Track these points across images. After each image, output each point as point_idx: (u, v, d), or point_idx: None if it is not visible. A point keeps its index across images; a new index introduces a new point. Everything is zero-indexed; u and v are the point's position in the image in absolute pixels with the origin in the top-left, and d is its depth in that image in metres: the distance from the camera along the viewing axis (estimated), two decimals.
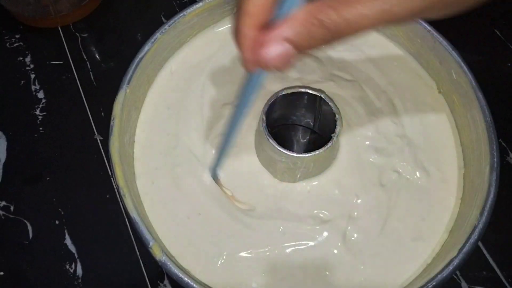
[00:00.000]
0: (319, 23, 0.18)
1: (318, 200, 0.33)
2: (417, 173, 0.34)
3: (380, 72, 0.38)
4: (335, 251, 0.31)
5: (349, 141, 0.35)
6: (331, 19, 0.17)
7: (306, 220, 0.32)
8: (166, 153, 0.35)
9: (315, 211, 0.32)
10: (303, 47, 0.19)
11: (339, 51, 0.39)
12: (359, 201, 0.33)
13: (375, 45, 0.39)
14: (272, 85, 0.36)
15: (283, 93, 0.33)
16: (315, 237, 0.32)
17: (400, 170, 0.34)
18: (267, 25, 0.19)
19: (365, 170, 0.34)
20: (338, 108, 0.32)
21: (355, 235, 0.32)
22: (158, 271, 0.36)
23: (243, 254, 0.31)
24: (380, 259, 0.31)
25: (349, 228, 0.32)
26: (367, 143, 0.35)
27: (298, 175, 0.33)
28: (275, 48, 0.18)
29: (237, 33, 0.20)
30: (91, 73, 0.45)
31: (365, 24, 0.18)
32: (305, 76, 0.37)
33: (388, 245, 0.31)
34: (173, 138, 0.35)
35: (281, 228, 0.32)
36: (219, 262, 0.31)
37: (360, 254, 0.31)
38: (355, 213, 0.32)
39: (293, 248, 0.31)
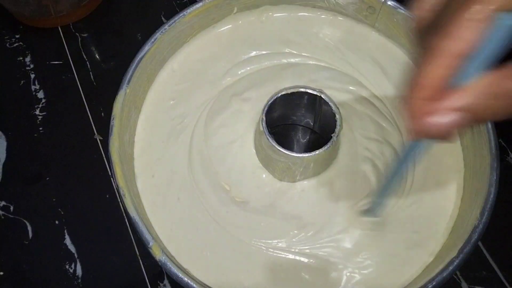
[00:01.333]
0: (499, 94, 0.17)
1: (315, 201, 0.33)
2: (417, 174, 0.34)
3: (380, 72, 0.38)
4: (330, 253, 0.31)
5: (349, 142, 0.35)
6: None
7: (299, 220, 0.32)
8: (166, 153, 0.35)
9: (310, 212, 0.32)
10: (475, 118, 0.17)
11: (340, 50, 0.39)
12: (358, 199, 0.33)
13: (376, 45, 0.39)
14: (274, 85, 0.36)
15: (283, 93, 0.33)
16: (308, 239, 0.32)
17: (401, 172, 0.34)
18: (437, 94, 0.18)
19: (363, 173, 0.34)
20: (338, 108, 0.32)
21: (354, 234, 0.32)
22: (158, 271, 0.36)
23: (243, 253, 0.31)
24: (380, 259, 0.31)
25: (344, 231, 0.32)
26: (367, 142, 0.35)
27: (298, 175, 0.33)
28: (443, 117, 0.17)
29: (407, 103, 0.19)
30: (91, 73, 0.45)
31: None
32: (309, 76, 0.37)
33: (387, 245, 0.31)
34: (173, 138, 0.35)
35: (282, 226, 0.32)
36: (219, 262, 0.31)
37: (354, 258, 0.31)
38: (351, 217, 0.32)
39: (294, 246, 0.31)
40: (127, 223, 0.38)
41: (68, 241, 0.38)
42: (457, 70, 0.17)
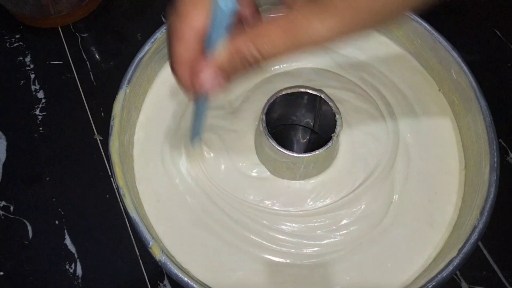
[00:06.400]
0: (241, 56, 0.21)
1: (319, 197, 0.33)
2: (416, 174, 0.34)
3: (381, 72, 0.38)
4: (330, 252, 0.31)
5: (349, 141, 0.35)
6: (250, 52, 0.20)
7: (300, 219, 0.32)
8: (166, 153, 0.35)
9: (310, 211, 0.32)
10: (230, 75, 0.22)
11: (339, 50, 0.39)
12: (358, 199, 0.33)
13: (376, 44, 0.39)
14: (274, 85, 0.36)
15: (283, 93, 0.33)
16: (308, 238, 0.32)
17: (401, 168, 0.34)
18: (199, 56, 0.22)
19: (363, 169, 0.34)
20: (338, 108, 0.32)
21: (354, 234, 0.32)
22: (158, 271, 0.36)
23: (242, 253, 0.31)
24: (380, 259, 0.31)
25: (345, 231, 0.32)
26: (366, 140, 0.35)
27: (298, 175, 0.33)
28: (208, 74, 0.22)
29: (176, 77, 0.23)
30: (91, 73, 0.45)
31: (280, 53, 0.20)
32: (307, 77, 0.37)
33: (387, 245, 0.31)
34: (173, 138, 0.35)
35: (281, 226, 0.32)
36: (219, 262, 0.31)
37: (355, 257, 0.31)
38: (354, 213, 0.32)
39: (293, 246, 0.31)
40: (127, 223, 0.38)
41: (68, 241, 0.38)
42: (202, 42, 0.22)
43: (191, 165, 0.34)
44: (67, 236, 0.38)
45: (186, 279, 0.27)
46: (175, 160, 0.34)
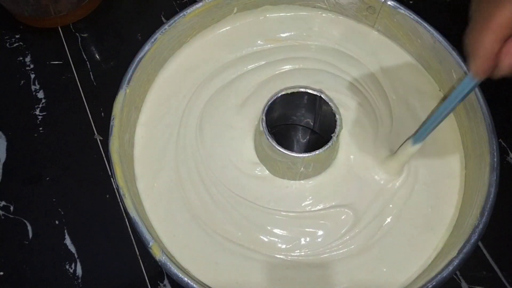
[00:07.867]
0: None
1: (318, 197, 0.33)
2: (418, 172, 0.34)
3: (381, 72, 0.38)
4: (330, 253, 0.31)
5: (349, 142, 0.35)
6: None
7: (300, 220, 0.32)
8: (166, 153, 0.35)
9: (311, 213, 0.32)
10: None
11: (340, 50, 0.39)
12: (358, 200, 0.33)
13: (376, 44, 0.39)
14: (274, 85, 0.36)
15: (283, 93, 0.33)
16: (308, 239, 0.32)
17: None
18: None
19: (364, 170, 0.34)
20: (338, 108, 0.32)
21: (354, 234, 0.32)
22: (158, 271, 0.36)
23: (242, 253, 0.31)
24: (380, 260, 0.31)
25: (347, 227, 0.32)
26: (367, 142, 0.35)
27: (298, 175, 0.33)
28: None
29: (477, 45, 0.22)
30: (91, 73, 0.45)
31: None
32: (310, 78, 0.37)
33: (387, 246, 0.31)
34: (173, 138, 0.35)
35: (281, 225, 0.32)
36: (218, 262, 0.31)
37: (355, 258, 0.31)
38: (355, 212, 0.32)
39: (292, 246, 0.31)
40: (127, 223, 0.38)
41: (68, 241, 0.38)
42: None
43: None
44: (67, 236, 0.38)
45: (186, 279, 0.27)
46: (176, 160, 0.34)
